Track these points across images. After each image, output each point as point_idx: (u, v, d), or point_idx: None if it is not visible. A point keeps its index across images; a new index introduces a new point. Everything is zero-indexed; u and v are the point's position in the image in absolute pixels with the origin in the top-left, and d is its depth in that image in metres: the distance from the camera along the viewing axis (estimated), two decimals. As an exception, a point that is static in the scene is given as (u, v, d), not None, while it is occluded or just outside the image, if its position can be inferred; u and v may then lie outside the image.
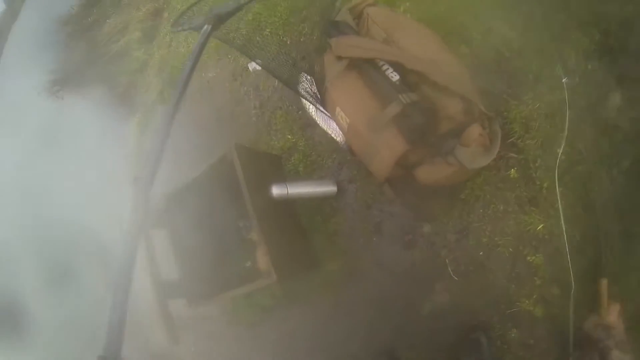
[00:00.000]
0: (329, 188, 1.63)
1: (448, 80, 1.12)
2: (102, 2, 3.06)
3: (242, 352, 1.94)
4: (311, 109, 1.71)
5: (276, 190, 1.50)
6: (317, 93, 1.47)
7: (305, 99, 1.53)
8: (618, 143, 1.21)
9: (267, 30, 2.02)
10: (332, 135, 1.68)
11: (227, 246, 1.71)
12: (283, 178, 1.78)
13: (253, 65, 2.08)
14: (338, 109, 1.29)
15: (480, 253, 1.38)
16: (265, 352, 1.87)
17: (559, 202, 1.24)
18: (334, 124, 1.55)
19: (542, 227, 1.28)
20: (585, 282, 1.20)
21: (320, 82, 1.43)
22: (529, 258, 1.30)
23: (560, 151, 1.25)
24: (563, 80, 1.23)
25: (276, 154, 1.82)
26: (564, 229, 1.24)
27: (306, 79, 1.65)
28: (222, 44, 1.61)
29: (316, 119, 1.72)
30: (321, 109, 1.47)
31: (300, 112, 1.78)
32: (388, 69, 1.20)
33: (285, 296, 1.78)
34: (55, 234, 2.36)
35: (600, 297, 1.16)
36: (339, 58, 1.24)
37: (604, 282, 1.17)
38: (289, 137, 1.80)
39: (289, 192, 1.52)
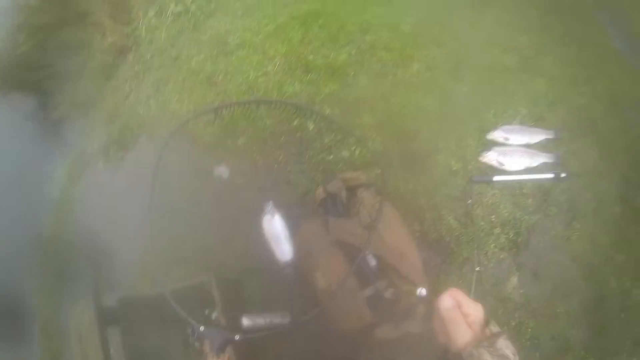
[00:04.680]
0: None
1: (411, 273, 1.49)
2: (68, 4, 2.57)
3: None
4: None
5: (247, 322, 1.58)
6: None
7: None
8: (509, 311, 1.77)
9: (241, 140, 2.10)
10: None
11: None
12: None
13: (220, 171, 2.02)
14: (319, 274, 1.56)
15: None
16: None
17: None
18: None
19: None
20: None
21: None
22: None
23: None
24: (476, 269, 1.75)
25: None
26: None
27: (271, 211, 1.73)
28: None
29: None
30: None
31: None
32: (369, 254, 1.52)
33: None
34: None
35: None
36: (333, 239, 1.51)
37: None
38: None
39: (255, 323, 1.65)
